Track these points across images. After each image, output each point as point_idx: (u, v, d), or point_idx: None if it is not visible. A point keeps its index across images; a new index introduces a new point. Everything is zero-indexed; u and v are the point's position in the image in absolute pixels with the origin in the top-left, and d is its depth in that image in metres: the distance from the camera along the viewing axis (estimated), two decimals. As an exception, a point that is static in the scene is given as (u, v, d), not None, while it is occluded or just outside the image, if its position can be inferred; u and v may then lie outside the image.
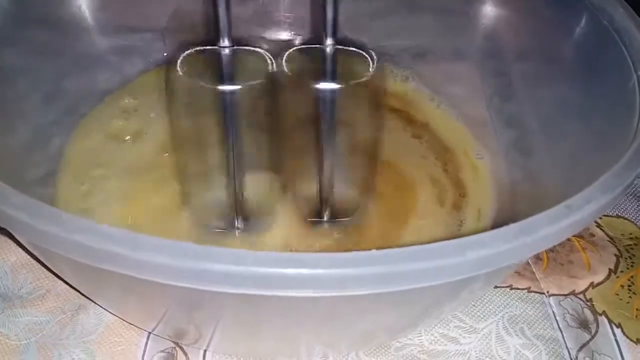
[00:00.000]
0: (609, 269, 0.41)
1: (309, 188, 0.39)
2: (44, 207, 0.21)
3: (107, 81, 0.46)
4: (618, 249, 0.42)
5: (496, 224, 0.39)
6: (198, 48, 0.33)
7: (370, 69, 0.33)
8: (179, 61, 0.33)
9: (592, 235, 0.43)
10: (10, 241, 0.38)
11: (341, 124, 0.36)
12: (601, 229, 0.43)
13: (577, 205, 0.22)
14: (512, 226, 0.21)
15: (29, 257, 0.37)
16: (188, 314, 0.29)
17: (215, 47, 0.32)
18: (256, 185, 0.38)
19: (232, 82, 0.32)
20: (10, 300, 0.36)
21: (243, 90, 0.32)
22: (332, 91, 0.33)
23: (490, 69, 0.48)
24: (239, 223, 0.37)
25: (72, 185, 0.40)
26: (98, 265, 0.20)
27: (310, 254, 0.19)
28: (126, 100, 0.46)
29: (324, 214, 0.39)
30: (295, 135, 0.40)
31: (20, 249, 0.38)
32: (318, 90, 0.33)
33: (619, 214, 0.44)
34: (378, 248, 0.19)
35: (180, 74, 0.32)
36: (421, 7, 0.50)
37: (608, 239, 0.43)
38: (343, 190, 0.39)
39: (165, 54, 0.48)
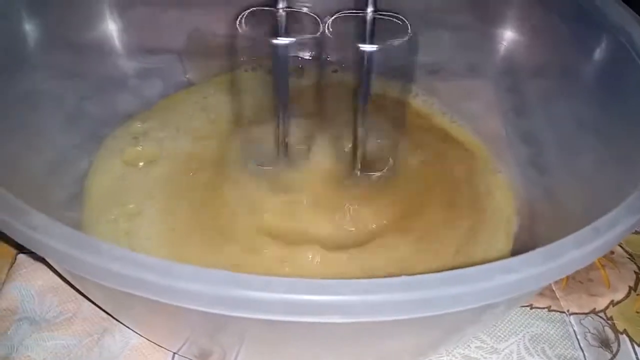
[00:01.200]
0: (629, 286, 0.41)
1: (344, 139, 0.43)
2: (79, 236, 0.21)
3: (128, 104, 0.47)
4: (637, 266, 0.42)
5: (517, 240, 0.40)
6: (256, 8, 0.36)
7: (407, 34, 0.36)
8: (239, 19, 0.36)
9: (611, 252, 0.43)
10: (36, 265, 0.39)
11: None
12: (620, 245, 0.43)
13: (604, 228, 0.23)
14: (539, 250, 0.21)
15: (54, 280, 0.38)
16: (214, 335, 0.29)
17: (272, 8, 0.36)
18: (298, 130, 0.42)
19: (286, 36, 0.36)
20: (37, 324, 0.36)
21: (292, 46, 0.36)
22: (370, 52, 0.36)
23: (506, 85, 0.49)
24: (282, 158, 0.41)
25: (97, 207, 0.41)
26: (132, 292, 0.20)
27: (338, 280, 0.19)
28: (148, 123, 0.46)
29: (356, 167, 0.42)
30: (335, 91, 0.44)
31: (46, 273, 0.38)
32: (358, 49, 0.36)
33: (638, 229, 0.44)
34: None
35: (240, 30, 0.36)
36: (436, 23, 0.50)
37: (627, 255, 0.43)
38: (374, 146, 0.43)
39: (186, 77, 0.49)
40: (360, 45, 0.36)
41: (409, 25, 0.37)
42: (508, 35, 0.48)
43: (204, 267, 0.20)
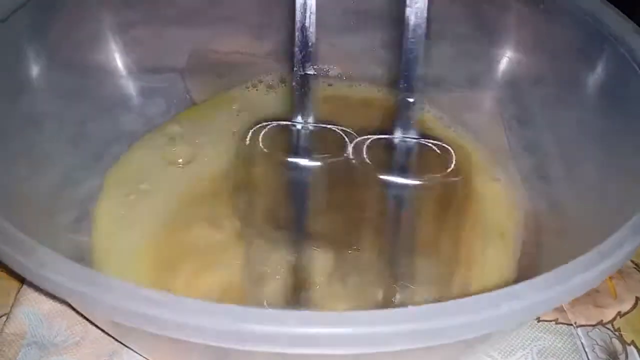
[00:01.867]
0: (636, 297, 0.41)
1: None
2: (88, 272, 0.21)
3: (132, 123, 0.47)
4: (644, 276, 0.42)
5: (523, 252, 0.40)
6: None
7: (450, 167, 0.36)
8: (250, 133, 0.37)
9: (618, 262, 0.43)
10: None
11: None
12: (626, 255, 0.43)
13: (609, 251, 0.22)
14: (546, 276, 0.21)
15: (62, 304, 0.38)
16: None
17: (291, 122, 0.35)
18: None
19: (308, 157, 0.35)
20: (46, 349, 0.36)
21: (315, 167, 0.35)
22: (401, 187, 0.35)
23: (508, 96, 0.49)
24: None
25: (104, 230, 0.41)
26: (143, 329, 0.20)
27: (348, 313, 0.19)
28: (155, 143, 0.46)
29: None
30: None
31: (53, 296, 0.38)
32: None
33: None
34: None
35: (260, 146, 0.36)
36: (435, 35, 0.50)
37: (634, 265, 0.43)
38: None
39: (187, 95, 0.49)
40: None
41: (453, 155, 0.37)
42: (508, 46, 0.48)
43: (213, 302, 0.20)
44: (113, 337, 0.36)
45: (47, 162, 0.40)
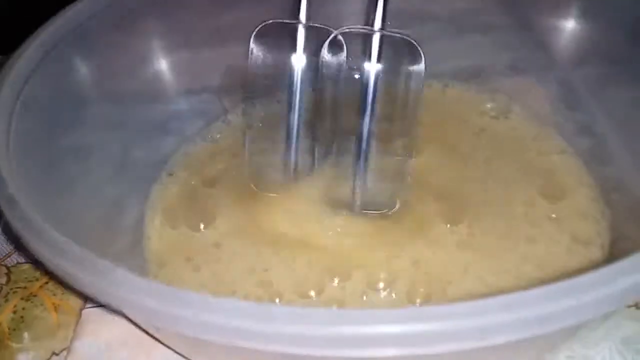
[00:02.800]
0: None
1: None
2: (167, 289, 0.20)
3: (172, 145, 0.46)
4: None
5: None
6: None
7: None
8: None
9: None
10: (103, 318, 0.38)
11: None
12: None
13: None
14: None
15: (122, 332, 0.37)
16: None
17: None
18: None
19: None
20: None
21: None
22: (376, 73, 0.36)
23: (553, 79, 0.48)
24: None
25: (158, 250, 0.41)
26: (233, 343, 0.19)
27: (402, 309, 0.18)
28: (194, 162, 0.46)
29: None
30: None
31: (114, 326, 0.37)
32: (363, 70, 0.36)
33: None
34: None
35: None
36: (469, 27, 0.49)
37: None
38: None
39: (227, 116, 0.49)
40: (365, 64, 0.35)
41: (421, 51, 0.36)
42: (547, 26, 0.47)
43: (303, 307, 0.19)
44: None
45: (94, 192, 0.39)
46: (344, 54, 0.38)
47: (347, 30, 0.37)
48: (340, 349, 0.18)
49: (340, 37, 0.37)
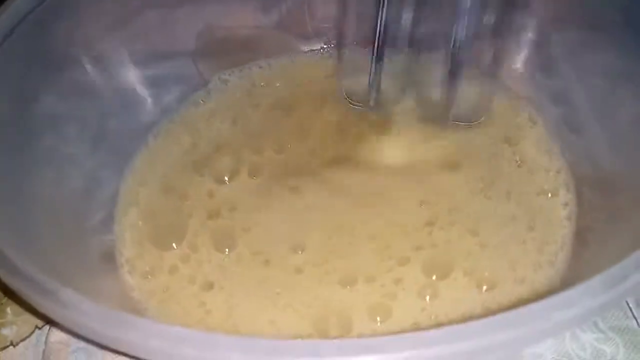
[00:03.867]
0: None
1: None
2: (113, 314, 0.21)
3: (149, 114, 0.46)
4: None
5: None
6: None
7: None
8: None
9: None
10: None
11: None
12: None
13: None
14: (599, 278, 0.20)
15: None
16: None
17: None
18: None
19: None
20: (94, 354, 0.36)
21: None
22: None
23: (528, 44, 0.47)
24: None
25: (132, 228, 0.41)
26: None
27: (390, 337, 0.19)
28: (173, 131, 0.46)
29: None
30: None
31: None
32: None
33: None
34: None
35: None
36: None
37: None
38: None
39: (203, 78, 0.48)
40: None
41: None
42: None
43: (250, 336, 0.19)
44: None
45: (70, 164, 0.40)
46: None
47: None
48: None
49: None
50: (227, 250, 0.39)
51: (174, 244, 0.40)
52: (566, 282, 0.31)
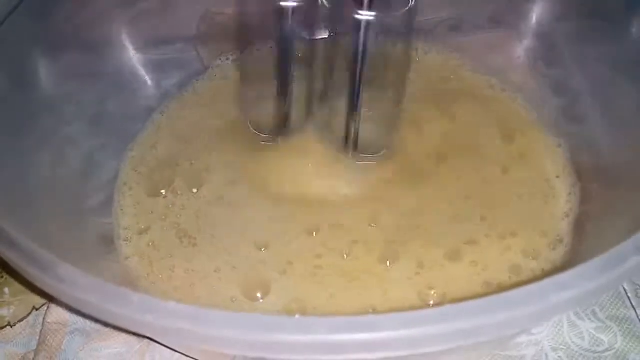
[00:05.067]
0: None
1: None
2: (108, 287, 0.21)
3: (148, 98, 0.46)
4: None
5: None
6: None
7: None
8: None
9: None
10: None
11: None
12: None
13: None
14: (596, 261, 0.20)
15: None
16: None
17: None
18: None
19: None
20: (89, 335, 0.37)
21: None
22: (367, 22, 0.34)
23: (532, 34, 0.47)
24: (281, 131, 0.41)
25: (130, 210, 0.41)
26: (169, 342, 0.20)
27: (384, 315, 0.19)
28: (173, 116, 0.45)
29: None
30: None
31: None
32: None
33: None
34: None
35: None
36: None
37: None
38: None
39: (203, 63, 0.48)
40: (357, 13, 0.33)
41: None
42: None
43: (235, 312, 0.19)
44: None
45: (69, 146, 0.40)
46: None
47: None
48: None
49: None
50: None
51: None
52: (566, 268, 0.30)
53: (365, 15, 0.33)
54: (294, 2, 0.35)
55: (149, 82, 0.46)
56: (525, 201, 0.40)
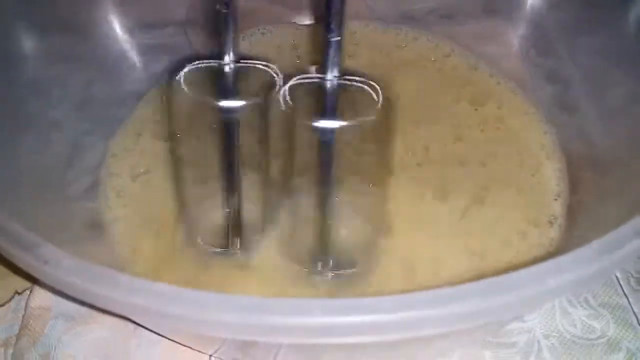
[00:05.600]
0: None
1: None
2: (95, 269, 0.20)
3: (136, 82, 0.45)
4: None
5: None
6: (200, 63, 0.30)
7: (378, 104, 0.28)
8: (181, 76, 0.30)
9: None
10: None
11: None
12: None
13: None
14: (593, 245, 0.19)
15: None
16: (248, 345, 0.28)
17: (218, 62, 0.30)
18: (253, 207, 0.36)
19: (234, 98, 0.30)
20: (73, 319, 0.36)
21: (245, 108, 0.30)
22: (332, 131, 0.28)
23: (525, 23, 0.47)
24: (234, 244, 0.36)
25: (114, 195, 0.40)
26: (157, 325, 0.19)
27: (379, 298, 0.18)
28: (159, 102, 0.45)
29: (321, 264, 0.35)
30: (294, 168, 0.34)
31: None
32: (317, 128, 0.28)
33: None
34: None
35: (184, 88, 0.30)
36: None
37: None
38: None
39: (194, 48, 0.47)
40: (318, 123, 0.28)
41: (380, 92, 0.28)
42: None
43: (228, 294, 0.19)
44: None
45: (55, 130, 0.39)
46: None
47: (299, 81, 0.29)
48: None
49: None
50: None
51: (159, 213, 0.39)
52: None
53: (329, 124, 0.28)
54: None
55: (137, 67, 0.45)
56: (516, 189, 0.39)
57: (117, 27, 0.44)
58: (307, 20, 0.50)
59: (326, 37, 0.27)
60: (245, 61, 0.30)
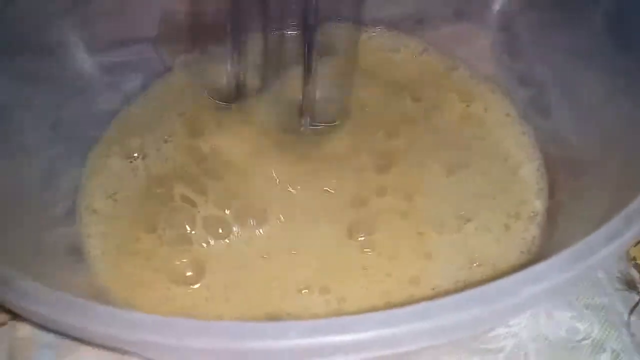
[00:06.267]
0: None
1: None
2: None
3: (109, 102, 0.44)
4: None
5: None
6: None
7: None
8: None
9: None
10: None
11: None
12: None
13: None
14: (567, 252, 0.19)
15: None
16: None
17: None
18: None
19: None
20: (58, 348, 0.35)
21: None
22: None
23: (497, 26, 0.47)
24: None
25: (93, 218, 0.40)
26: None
27: (357, 316, 0.18)
28: (134, 119, 0.44)
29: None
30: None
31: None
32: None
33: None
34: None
35: None
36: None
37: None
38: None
39: (164, 64, 0.47)
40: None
41: None
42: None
43: (209, 321, 0.19)
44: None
45: (29, 155, 0.39)
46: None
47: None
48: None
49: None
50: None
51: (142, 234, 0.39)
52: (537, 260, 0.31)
53: None
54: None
55: (108, 85, 0.45)
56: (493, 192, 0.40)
57: (85, 47, 0.43)
58: None
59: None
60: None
